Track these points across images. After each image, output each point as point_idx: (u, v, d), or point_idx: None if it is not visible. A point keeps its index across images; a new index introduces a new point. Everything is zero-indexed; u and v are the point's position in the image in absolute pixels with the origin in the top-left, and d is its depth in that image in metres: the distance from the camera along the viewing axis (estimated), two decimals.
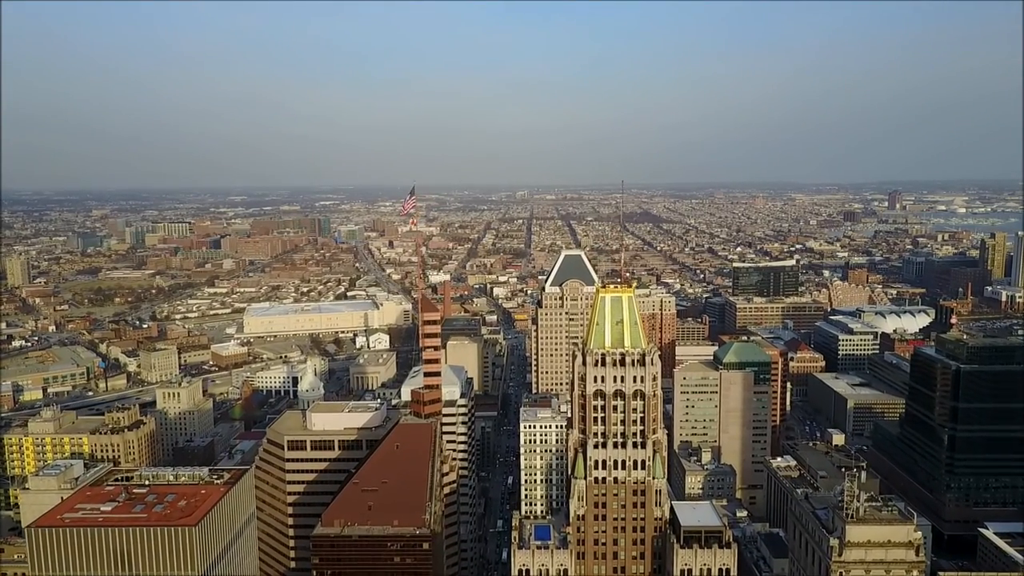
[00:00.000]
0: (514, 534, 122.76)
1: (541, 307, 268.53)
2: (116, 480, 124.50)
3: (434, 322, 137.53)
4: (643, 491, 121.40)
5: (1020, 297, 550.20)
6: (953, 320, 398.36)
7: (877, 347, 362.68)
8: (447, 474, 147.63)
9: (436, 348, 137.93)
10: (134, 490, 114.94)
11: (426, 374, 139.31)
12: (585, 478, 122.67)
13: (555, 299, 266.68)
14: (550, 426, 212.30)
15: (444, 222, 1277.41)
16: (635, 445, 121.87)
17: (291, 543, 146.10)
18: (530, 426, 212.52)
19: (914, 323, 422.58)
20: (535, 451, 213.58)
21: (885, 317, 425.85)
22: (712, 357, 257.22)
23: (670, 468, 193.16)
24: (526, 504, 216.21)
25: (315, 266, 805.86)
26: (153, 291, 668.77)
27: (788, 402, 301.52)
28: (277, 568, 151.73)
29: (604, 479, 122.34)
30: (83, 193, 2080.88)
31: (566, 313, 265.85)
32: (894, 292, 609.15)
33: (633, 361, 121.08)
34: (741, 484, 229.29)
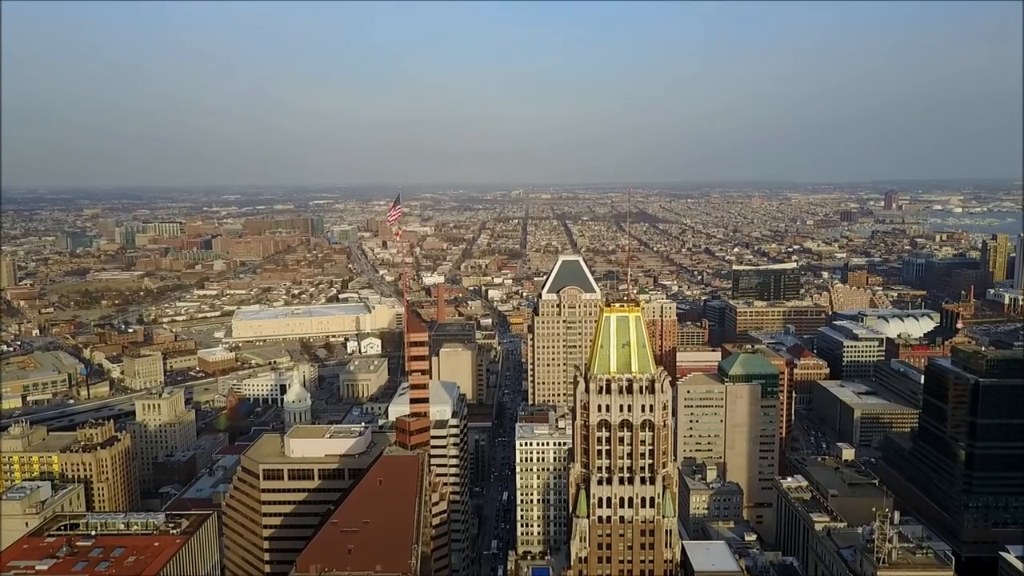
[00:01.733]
0: None
1: (538, 315, 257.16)
2: (60, 529, 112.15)
3: (421, 343, 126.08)
4: (652, 531, 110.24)
5: (1023, 300, 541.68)
6: (959, 325, 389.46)
7: (883, 354, 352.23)
8: (437, 503, 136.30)
9: (423, 372, 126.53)
10: (78, 542, 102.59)
11: (412, 400, 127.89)
12: (588, 517, 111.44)
13: (552, 307, 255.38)
14: (547, 443, 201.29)
15: (439, 222, 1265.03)
16: (643, 481, 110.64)
17: None
18: (526, 443, 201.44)
19: (918, 327, 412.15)
20: (531, 470, 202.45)
21: (888, 321, 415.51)
22: (716, 369, 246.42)
23: None
24: (522, 525, 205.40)
25: (307, 267, 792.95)
26: (141, 293, 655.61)
27: (792, 412, 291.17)
28: None
29: (609, 518, 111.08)
30: (76, 191, 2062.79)
31: (564, 321, 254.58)
32: (895, 294, 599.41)
33: (641, 388, 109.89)
34: (747, 502, 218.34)
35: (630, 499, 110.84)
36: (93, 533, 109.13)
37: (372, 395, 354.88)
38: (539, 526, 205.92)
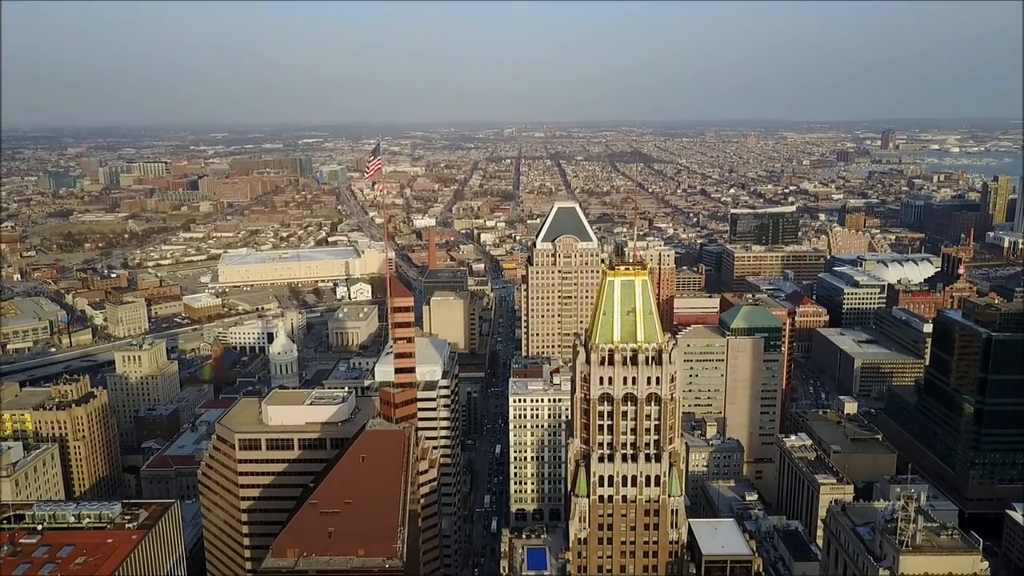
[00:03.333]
0: (503, 563, 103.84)
1: (532, 265, 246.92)
2: (3, 521, 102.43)
3: (406, 308, 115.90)
4: (656, 511, 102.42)
5: (1023, 243, 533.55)
6: (960, 271, 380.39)
7: (883, 300, 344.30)
8: (426, 471, 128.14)
9: (409, 340, 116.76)
10: (21, 539, 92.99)
11: (398, 370, 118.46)
12: (588, 496, 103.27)
13: (547, 256, 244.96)
14: (542, 400, 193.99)
15: (430, 161, 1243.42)
16: (648, 458, 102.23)
17: (247, 557, 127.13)
18: (520, 400, 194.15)
19: (918, 272, 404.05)
20: (525, 427, 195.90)
21: (887, 266, 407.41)
22: (716, 320, 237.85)
23: None
24: (515, 483, 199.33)
25: (296, 209, 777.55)
26: (126, 236, 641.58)
27: (791, 361, 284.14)
28: None
29: (611, 498, 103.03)
30: (60, 130, 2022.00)
31: (559, 271, 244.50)
32: (893, 237, 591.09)
33: (647, 359, 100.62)
34: (747, 458, 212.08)
35: (633, 478, 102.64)
36: (39, 527, 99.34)
37: (362, 343, 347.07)
38: (532, 484, 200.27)
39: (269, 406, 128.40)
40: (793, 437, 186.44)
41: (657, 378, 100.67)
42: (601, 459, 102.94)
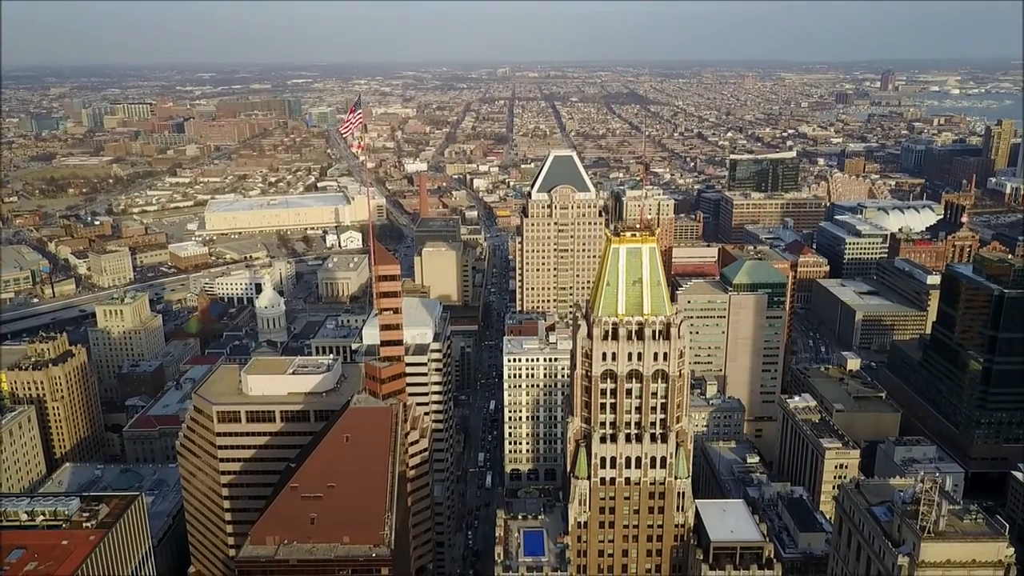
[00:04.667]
0: (498, 549, 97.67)
1: (527, 216, 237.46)
2: None
3: (392, 277, 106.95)
4: (662, 494, 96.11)
5: None
6: (963, 219, 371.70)
7: (885, 250, 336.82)
8: (417, 441, 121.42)
9: (396, 311, 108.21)
10: None
11: (383, 343, 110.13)
12: (589, 479, 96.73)
13: (543, 207, 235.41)
14: (537, 359, 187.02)
15: (421, 102, 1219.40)
16: (653, 438, 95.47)
17: (229, 532, 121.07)
18: (514, 359, 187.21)
19: (919, 220, 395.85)
20: (520, 386, 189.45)
21: (888, 213, 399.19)
22: (716, 273, 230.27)
23: None
24: (510, 443, 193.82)
25: (284, 152, 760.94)
26: (110, 181, 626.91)
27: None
28: (215, 573, 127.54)
29: (613, 480, 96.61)
30: (42, 69, 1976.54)
31: (555, 223, 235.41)
32: (893, 183, 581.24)
33: (654, 333, 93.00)
34: (748, 416, 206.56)
35: (638, 459, 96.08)
36: None
37: (353, 294, 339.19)
38: (527, 444, 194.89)
39: (249, 375, 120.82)
40: (797, 398, 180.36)
41: (664, 354, 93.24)
42: (603, 439, 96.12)
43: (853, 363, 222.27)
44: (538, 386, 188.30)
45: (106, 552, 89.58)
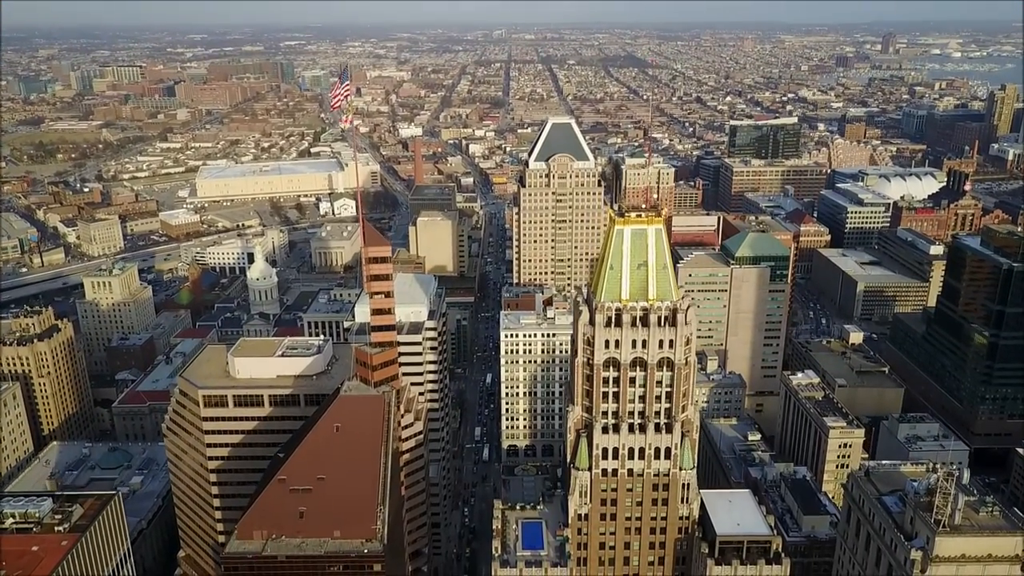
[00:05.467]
0: (495, 543, 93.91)
1: (524, 186, 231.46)
2: None
3: (383, 259, 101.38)
4: (666, 486, 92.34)
5: None
6: (967, 187, 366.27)
7: (888, 220, 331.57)
8: (411, 424, 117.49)
9: (387, 295, 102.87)
10: None
11: (374, 328, 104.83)
12: (590, 470, 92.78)
13: (540, 177, 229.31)
14: (534, 334, 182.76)
15: (416, 65, 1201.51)
16: (658, 429, 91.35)
17: (218, 520, 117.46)
18: (511, 334, 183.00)
19: (921, 188, 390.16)
20: (517, 362, 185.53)
21: (890, 181, 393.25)
22: (717, 245, 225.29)
23: None
24: (507, 419, 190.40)
25: (277, 117, 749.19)
26: (100, 146, 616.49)
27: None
28: (204, 558, 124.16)
29: (615, 471, 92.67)
30: (31, 30, 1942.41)
31: (553, 193, 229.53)
32: (894, 149, 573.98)
33: (660, 319, 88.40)
34: (748, 391, 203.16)
35: (641, 450, 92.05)
36: None
37: (347, 263, 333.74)
38: (525, 420, 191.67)
39: (236, 358, 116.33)
40: (800, 375, 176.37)
41: (670, 341, 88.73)
42: (605, 429, 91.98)
43: (856, 336, 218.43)
44: (535, 362, 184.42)
45: (80, 558, 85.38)
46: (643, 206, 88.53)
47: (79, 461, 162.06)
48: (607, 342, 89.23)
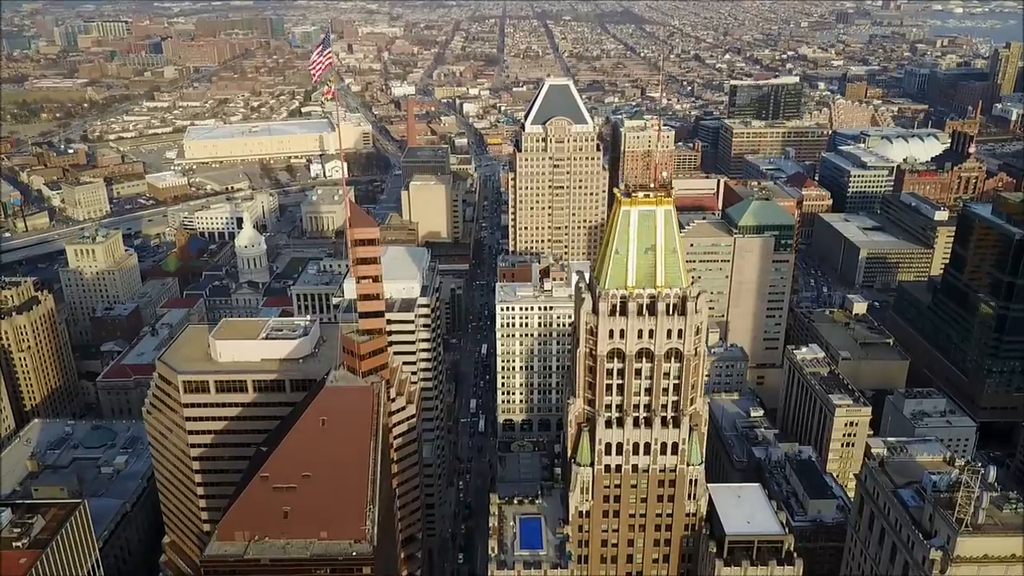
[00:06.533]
0: (491, 542, 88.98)
1: (520, 151, 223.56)
2: None
3: (370, 241, 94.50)
4: (672, 482, 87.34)
5: None
6: (971, 149, 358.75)
7: (891, 183, 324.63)
8: (403, 408, 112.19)
9: (375, 279, 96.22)
10: None
11: (362, 315, 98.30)
12: (592, 466, 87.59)
13: (537, 141, 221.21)
14: (531, 307, 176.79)
15: (409, 21, 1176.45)
16: (665, 423, 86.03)
17: (202, 508, 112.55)
18: (507, 307, 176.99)
19: (924, 150, 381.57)
20: (513, 335, 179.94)
21: (892, 142, 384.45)
22: (719, 215, 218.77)
23: None
24: (503, 393, 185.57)
25: (267, 75, 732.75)
26: (85, 105, 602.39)
27: None
28: (190, 548, 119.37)
29: (619, 467, 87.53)
30: None
31: (550, 158, 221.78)
32: (895, 109, 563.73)
33: (668, 307, 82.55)
34: (750, 363, 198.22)
35: (647, 445, 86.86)
36: None
37: (338, 228, 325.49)
38: (521, 394, 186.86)
39: (218, 341, 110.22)
40: (804, 349, 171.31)
41: (679, 331, 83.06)
42: (608, 424, 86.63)
43: (859, 307, 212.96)
44: (532, 335, 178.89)
45: (43, 573, 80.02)
46: (651, 184, 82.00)
47: (61, 440, 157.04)
48: (611, 332, 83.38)
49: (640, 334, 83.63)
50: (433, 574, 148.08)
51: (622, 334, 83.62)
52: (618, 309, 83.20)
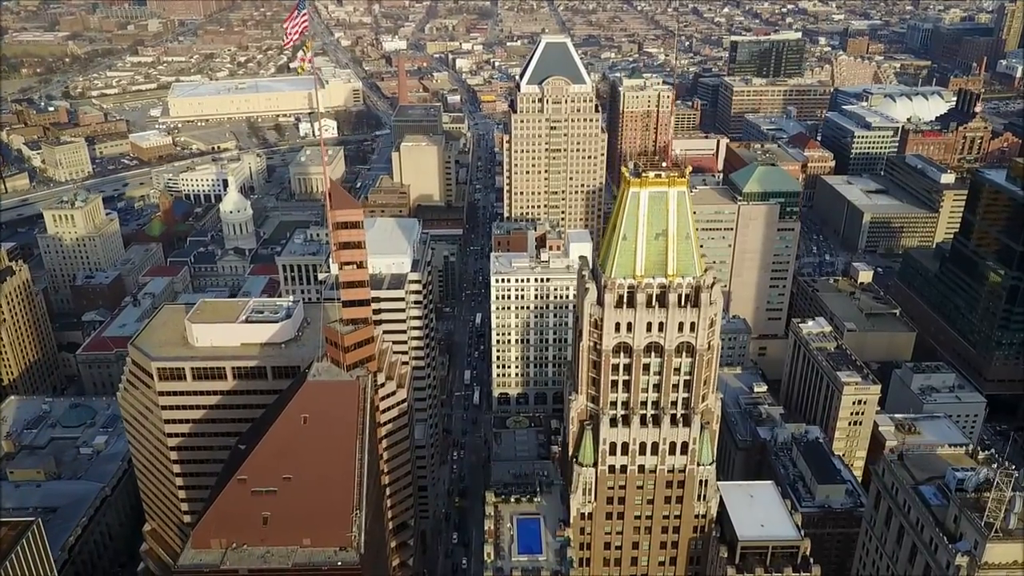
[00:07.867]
0: (487, 548, 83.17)
1: (515, 112, 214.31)
2: None
3: (354, 224, 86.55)
4: (681, 483, 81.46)
5: None
6: (977, 108, 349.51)
7: (896, 145, 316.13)
8: (394, 392, 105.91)
9: (360, 265, 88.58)
10: None
11: (345, 303, 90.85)
12: (595, 466, 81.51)
13: (533, 101, 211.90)
14: (527, 279, 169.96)
15: None
16: (674, 421, 79.81)
17: (182, 499, 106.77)
18: (502, 279, 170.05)
19: (927, 109, 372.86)
20: (509, 308, 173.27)
21: (895, 101, 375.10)
22: (720, 181, 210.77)
23: None
24: (498, 367, 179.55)
25: (254, 28, 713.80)
26: (67, 60, 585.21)
27: None
28: (171, 538, 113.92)
29: (624, 467, 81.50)
30: None
31: (547, 120, 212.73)
32: (898, 65, 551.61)
33: (680, 299, 75.59)
34: (752, 334, 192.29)
35: (654, 444, 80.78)
36: None
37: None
38: (517, 367, 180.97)
39: (195, 324, 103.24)
40: (810, 323, 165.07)
41: (692, 323, 76.24)
42: (613, 422, 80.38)
43: (865, 275, 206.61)
44: (527, 308, 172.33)
45: None
46: (663, 164, 74.48)
47: (39, 418, 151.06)
48: (618, 325, 76.63)
49: (649, 327, 76.92)
50: (427, 555, 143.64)
51: (629, 327, 76.92)
52: (625, 300, 76.33)
